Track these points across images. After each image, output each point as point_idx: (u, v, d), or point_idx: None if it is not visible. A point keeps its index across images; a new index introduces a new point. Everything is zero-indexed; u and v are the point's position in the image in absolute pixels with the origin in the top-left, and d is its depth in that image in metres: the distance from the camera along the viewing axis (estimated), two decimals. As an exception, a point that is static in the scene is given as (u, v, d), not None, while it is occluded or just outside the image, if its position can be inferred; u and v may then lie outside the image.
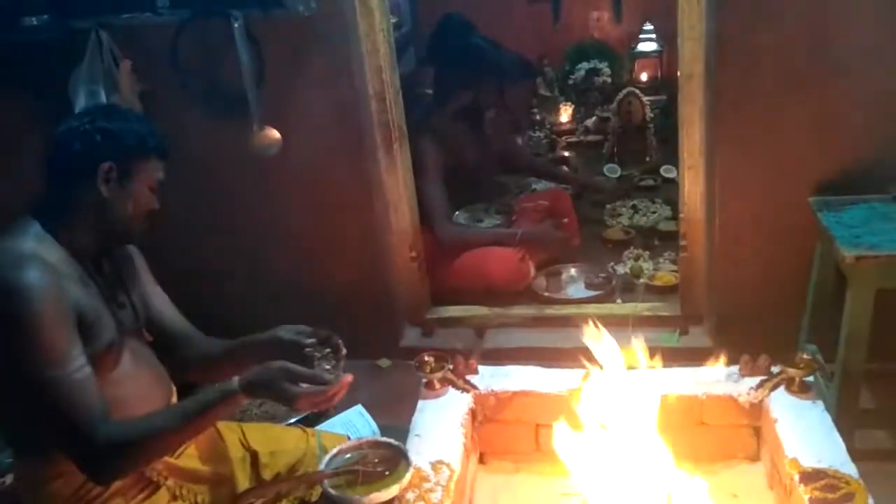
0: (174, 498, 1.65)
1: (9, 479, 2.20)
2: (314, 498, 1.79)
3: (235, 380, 1.50)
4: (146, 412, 1.57)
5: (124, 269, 1.70)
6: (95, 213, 1.55)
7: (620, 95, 4.40)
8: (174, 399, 1.75)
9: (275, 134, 2.58)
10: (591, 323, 1.76)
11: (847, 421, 2.04)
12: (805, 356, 1.90)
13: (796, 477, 1.60)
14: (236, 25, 2.42)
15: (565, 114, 5.00)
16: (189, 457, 1.70)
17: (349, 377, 1.55)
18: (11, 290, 1.40)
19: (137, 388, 1.61)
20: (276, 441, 1.87)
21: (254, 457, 1.82)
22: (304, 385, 1.49)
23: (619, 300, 3.16)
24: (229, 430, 1.84)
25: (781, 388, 1.87)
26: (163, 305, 1.79)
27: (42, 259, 1.46)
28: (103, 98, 2.44)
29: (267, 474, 1.81)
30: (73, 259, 1.53)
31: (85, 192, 1.54)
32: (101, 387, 1.48)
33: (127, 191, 1.56)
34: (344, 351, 1.64)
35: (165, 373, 1.75)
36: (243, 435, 1.84)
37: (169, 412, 1.61)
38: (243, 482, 1.77)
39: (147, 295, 1.76)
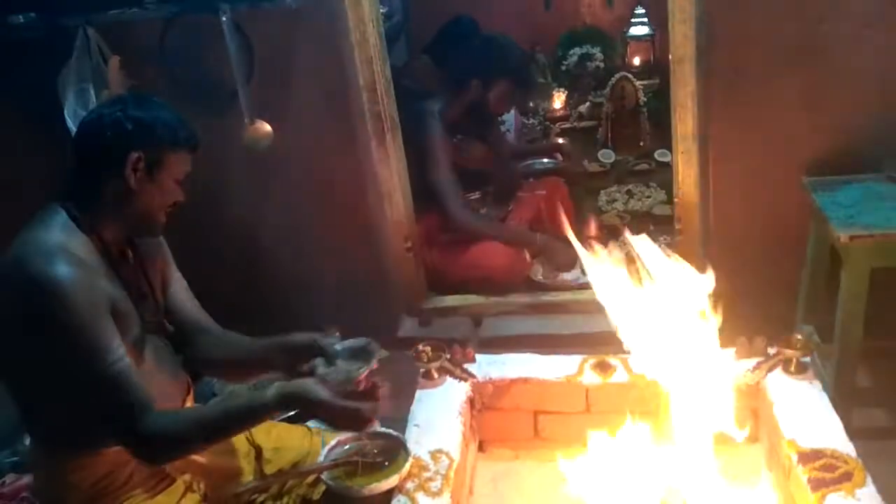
0: (188, 490, 1.66)
1: (9, 478, 2.21)
2: (316, 496, 1.79)
3: (270, 396, 1.50)
4: (165, 407, 1.57)
5: (148, 258, 1.68)
6: (121, 203, 1.53)
7: (613, 80, 4.37)
8: (191, 394, 1.75)
9: (266, 127, 2.57)
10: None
11: (844, 400, 2.05)
12: (801, 337, 1.90)
13: (795, 457, 1.61)
14: (224, 19, 2.40)
15: (558, 100, 4.97)
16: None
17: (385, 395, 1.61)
18: (43, 286, 1.38)
19: (158, 384, 1.60)
20: (281, 438, 1.87)
21: (258, 452, 1.82)
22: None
23: (615, 285, 3.15)
24: None
25: (778, 370, 1.88)
26: (183, 295, 1.77)
27: (70, 252, 1.44)
28: (93, 95, 2.42)
29: (270, 470, 1.81)
30: (99, 250, 1.52)
31: (112, 180, 1.51)
32: None
33: (154, 182, 1.53)
34: (380, 354, 1.72)
35: (181, 368, 1.75)
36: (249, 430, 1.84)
37: (211, 411, 1.63)
38: (248, 476, 1.78)
39: (169, 283, 1.74)
